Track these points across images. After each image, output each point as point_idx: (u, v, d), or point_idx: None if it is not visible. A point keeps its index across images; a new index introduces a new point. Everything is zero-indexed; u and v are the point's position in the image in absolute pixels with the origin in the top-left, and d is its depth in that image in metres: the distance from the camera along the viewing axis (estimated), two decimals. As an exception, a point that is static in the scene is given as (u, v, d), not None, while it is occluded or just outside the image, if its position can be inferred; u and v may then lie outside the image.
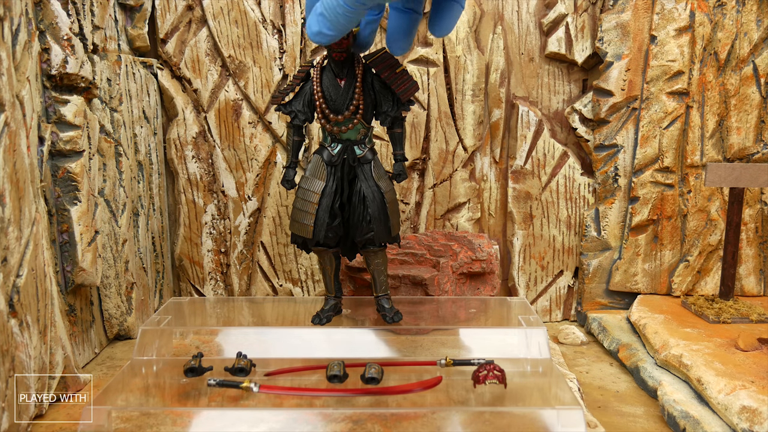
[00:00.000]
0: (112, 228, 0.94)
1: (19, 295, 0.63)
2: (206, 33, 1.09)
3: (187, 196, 1.13)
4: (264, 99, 1.10)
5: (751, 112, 1.06)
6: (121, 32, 1.01)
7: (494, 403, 0.72)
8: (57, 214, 0.81)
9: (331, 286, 0.96)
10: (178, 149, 1.12)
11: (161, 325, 0.86)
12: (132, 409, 0.69)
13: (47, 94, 0.79)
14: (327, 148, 0.91)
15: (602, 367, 0.93)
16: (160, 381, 0.78)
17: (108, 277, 0.93)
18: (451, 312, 1.00)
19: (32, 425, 0.68)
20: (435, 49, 1.10)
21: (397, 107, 0.90)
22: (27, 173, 0.68)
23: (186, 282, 1.16)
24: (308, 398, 0.71)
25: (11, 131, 0.63)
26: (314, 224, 0.89)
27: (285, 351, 0.84)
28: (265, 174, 1.13)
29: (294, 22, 1.09)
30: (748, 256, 1.10)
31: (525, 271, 1.14)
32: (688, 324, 0.94)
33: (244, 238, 1.14)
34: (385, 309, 0.94)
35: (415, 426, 0.66)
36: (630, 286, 1.11)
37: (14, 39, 0.68)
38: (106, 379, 0.82)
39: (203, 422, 0.68)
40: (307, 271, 1.15)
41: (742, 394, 0.69)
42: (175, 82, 1.11)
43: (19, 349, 0.63)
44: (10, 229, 0.62)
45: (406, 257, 1.06)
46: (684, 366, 0.80)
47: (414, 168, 1.14)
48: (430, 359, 0.80)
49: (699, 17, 1.04)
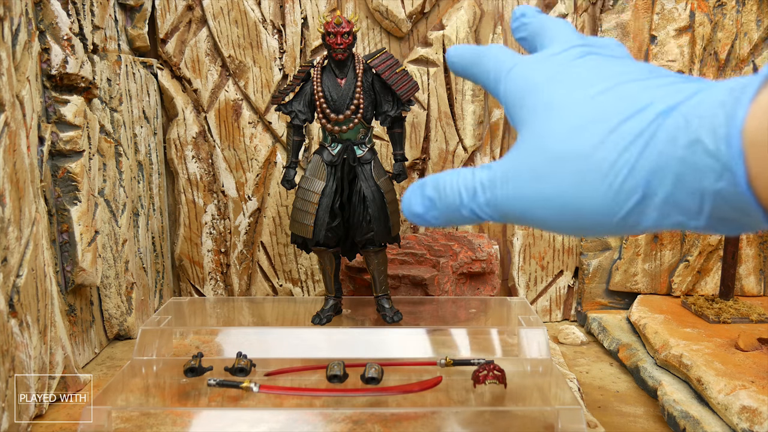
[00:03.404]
0: (112, 228, 0.94)
1: (19, 295, 0.63)
2: (206, 33, 1.09)
3: (187, 196, 1.13)
4: (264, 99, 1.10)
5: (751, 112, 1.06)
6: (121, 32, 1.01)
7: (494, 403, 0.72)
8: (57, 214, 0.81)
9: (331, 286, 0.96)
10: (178, 149, 1.12)
11: (161, 325, 0.86)
12: (132, 409, 0.69)
13: (47, 94, 0.79)
14: (327, 148, 0.91)
15: (602, 367, 0.93)
16: (160, 381, 0.78)
17: (108, 277, 0.93)
18: (451, 312, 1.00)
19: (32, 425, 0.68)
20: (435, 49, 1.10)
21: (398, 107, 0.90)
22: (27, 173, 0.68)
23: (186, 282, 1.16)
24: (308, 398, 0.71)
25: (11, 131, 0.63)
26: (314, 224, 0.89)
27: (285, 351, 0.84)
28: (265, 174, 1.13)
29: (294, 22, 1.09)
30: (748, 256, 1.10)
31: (525, 271, 1.14)
32: (688, 324, 0.94)
33: (244, 238, 1.14)
34: (385, 309, 0.94)
35: (415, 426, 0.66)
36: (630, 286, 1.11)
37: (14, 39, 0.68)
38: (106, 379, 0.82)
39: (203, 422, 0.68)
40: (307, 271, 1.15)
41: (742, 394, 0.69)
42: (175, 82, 1.11)
43: (19, 349, 0.63)
44: (10, 229, 0.62)
45: (406, 257, 1.07)
46: (684, 366, 0.80)
47: (414, 168, 1.14)
48: (430, 359, 0.80)
49: (699, 17, 1.04)
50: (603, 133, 0.30)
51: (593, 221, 0.31)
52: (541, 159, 0.33)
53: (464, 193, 0.36)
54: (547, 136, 0.33)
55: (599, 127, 0.30)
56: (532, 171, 0.33)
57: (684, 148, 0.27)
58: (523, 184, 0.34)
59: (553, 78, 0.35)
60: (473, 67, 0.42)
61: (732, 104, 0.26)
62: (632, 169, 0.29)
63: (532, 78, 0.36)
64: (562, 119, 0.33)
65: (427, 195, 0.38)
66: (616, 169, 0.29)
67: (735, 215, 0.27)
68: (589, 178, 0.30)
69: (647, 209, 0.29)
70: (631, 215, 0.30)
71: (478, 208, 0.36)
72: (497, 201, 0.35)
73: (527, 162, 0.34)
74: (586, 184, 0.31)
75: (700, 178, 0.27)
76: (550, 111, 0.34)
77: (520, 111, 0.36)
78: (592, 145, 0.30)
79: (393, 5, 1.07)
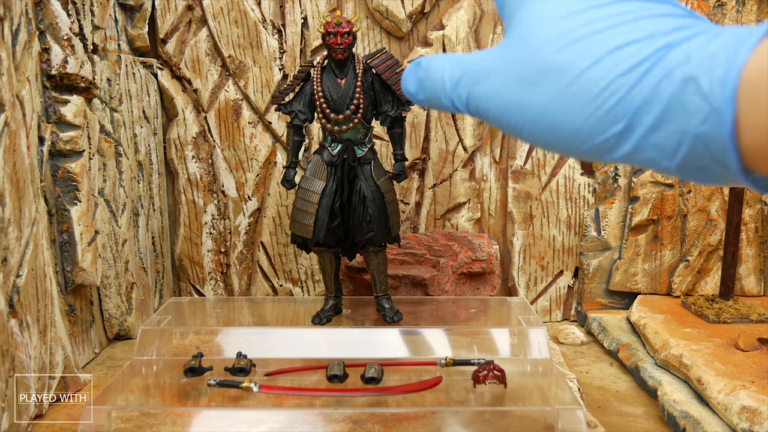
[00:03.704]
0: (112, 228, 0.94)
1: (19, 295, 0.63)
2: (206, 33, 1.09)
3: (187, 196, 1.13)
4: (264, 99, 1.10)
5: (751, 112, 1.06)
6: (121, 32, 1.01)
7: (494, 403, 0.72)
8: (57, 214, 0.81)
9: (331, 286, 0.96)
10: (178, 149, 1.12)
11: (161, 325, 0.86)
12: (132, 409, 0.69)
13: (47, 94, 0.79)
14: (327, 148, 0.91)
15: (602, 367, 0.93)
16: (160, 381, 0.78)
17: (108, 277, 0.93)
18: (451, 312, 1.00)
19: (32, 425, 0.68)
20: (435, 49, 1.10)
21: (397, 107, 0.90)
22: (27, 173, 0.68)
23: (186, 282, 1.16)
24: (308, 398, 0.71)
25: (11, 131, 0.63)
26: (314, 224, 0.89)
27: (285, 351, 0.84)
28: (265, 174, 1.13)
29: (294, 22, 1.09)
30: (748, 256, 1.10)
31: (525, 271, 1.14)
32: (688, 324, 0.94)
33: (244, 238, 1.14)
34: (385, 309, 0.94)
35: (415, 426, 0.66)
36: (630, 286, 1.11)
37: (14, 39, 0.68)
38: (106, 379, 0.82)
39: (203, 422, 0.68)
40: (307, 271, 1.15)
41: (742, 394, 0.69)
42: (175, 82, 1.11)
43: (19, 349, 0.63)
44: (10, 229, 0.62)
45: (406, 257, 1.07)
46: (684, 366, 0.80)
47: (414, 168, 1.14)
48: (430, 359, 0.80)
49: (699, 17, 1.04)
50: (599, 53, 0.28)
51: (568, 139, 0.30)
52: (529, 65, 0.31)
53: (447, 82, 0.35)
54: (539, 41, 0.31)
55: (596, 45, 0.29)
56: (517, 75, 0.31)
57: (677, 85, 0.26)
58: (505, 87, 0.32)
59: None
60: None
61: (734, 47, 0.25)
62: (623, 97, 0.27)
63: None
64: (557, 26, 0.30)
65: (418, 76, 0.37)
66: (607, 94, 0.28)
67: (709, 164, 0.26)
68: (576, 96, 0.29)
69: (625, 140, 0.28)
70: (607, 142, 0.29)
71: (458, 99, 0.35)
72: (476, 97, 0.34)
73: (514, 64, 0.32)
74: (572, 101, 0.29)
75: (686, 118, 0.26)
76: (545, 12, 0.31)
77: (512, 2, 0.34)
78: (585, 62, 0.29)
79: (393, 5, 1.07)
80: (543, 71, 0.30)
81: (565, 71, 0.29)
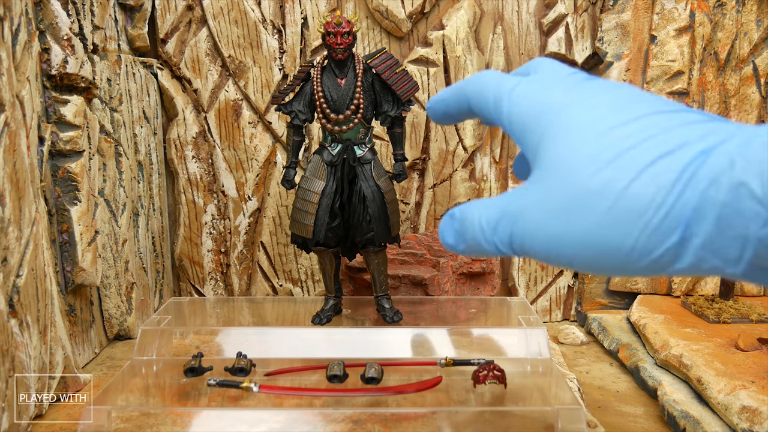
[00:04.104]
0: (112, 228, 0.94)
1: (19, 295, 0.63)
2: (206, 33, 1.09)
3: (187, 196, 1.13)
4: (264, 99, 1.10)
5: (751, 112, 1.06)
6: (121, 32, 1.01)
7: (494, 403, 0.72)
8: (57, 214, 0.81)
9: (331, 286, 0.96)
10: (178, 149, 1.12)
11: (161, 325, 0.86)
12: (132, 409, 0.69)
13: (47, 94, 0.79)
14: (327, 148, 0.91)
15: (602, 367, 0.93)
16: (160, 381, 0.78)
17: (108, 277, 0.93)
18: (451, 312, 1.00)
19: (32, 425, 0.68)
20: (435, 49, 1.10)
21: (398, 107, 0.90)
22: (27, 173, 0.68)
23: (186, 282, 1.16)
24: (308, 398, 0.71)
25: (11, 131, 0.63)
26: (314, 224, 0.89)
27: (285, 351, 0.84)
28: (265, 174, 1.13)
29: (294, 22, 1.09)
30: (748, 256, 1.09)
31: (525, 271, 1.14)
32: (688, 324, 0.94)
33: (244, 238, 1.14)
34: (385, 309, 0.94)
35: (415, 426, 0.66)
36: (630, 286, 1.11)
37: (14, 39, 0.68)
38: (106, 379, 0.82)
39: (203, 422, 0.68)
40: (307, 271, 1.15)
41: (742, 394, 0.69)
42: (175, 82, 1.11)
43: (19, 349, 0.63)
44: (10, 229, 0.62)
45: (406, 257, 1.07)
46: (684, 366, 0.80)
47: (414, 168, 1.14)
48: (430, 359, 0.80)
49: (699, 17, 1.04)
50: (636, 169, 0.28)
51: (623, 260, 0.29)
52: (566, 194, 0.30)
53: (486, 227, 0.34)
54: (571, 168, 0.30)
55: (630, 162, 0.28)
56: (555, 207, 0.31)
57: (726, 191, 0.26)
58: (545, 221, 0.31)
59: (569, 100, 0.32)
60: (460, 98, 0.39)
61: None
62: (671, 208, 0.27)
63: (543, 99, 0.33)
64: (587, 149, 0.30)
65: (455, 228, 0.36)
66: (653, 208, 0.27)
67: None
68: (621, 217, 0.28)
69: (684, 252, 0.28)
70: (664, 257, 0.28)
71: (501, 242, 0.34)
72: (519, 235, 0.33)
73: (549, 197, 0.31)
74: (617, 223, 0.28)
75: (745, 224, 0.25)
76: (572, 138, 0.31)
77: (533, 136, 0.33)
78: (623, 181, 0.28)
79: (393, 5, 1.07)
80: (580, 198, 0.30)
81: (604, 194, 0.29)
